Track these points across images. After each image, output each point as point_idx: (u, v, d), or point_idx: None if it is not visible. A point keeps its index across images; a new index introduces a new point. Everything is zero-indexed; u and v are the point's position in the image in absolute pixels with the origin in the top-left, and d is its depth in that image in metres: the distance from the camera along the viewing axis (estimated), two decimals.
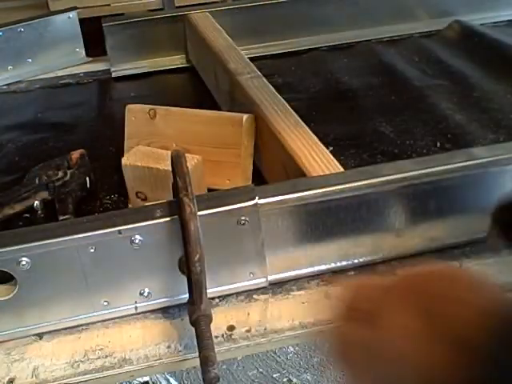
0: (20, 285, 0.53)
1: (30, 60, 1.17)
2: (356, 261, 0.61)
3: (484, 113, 0.94)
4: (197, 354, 0.49)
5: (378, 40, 1.24)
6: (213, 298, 0.59)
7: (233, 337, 0.56)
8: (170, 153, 0.60)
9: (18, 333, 0.56)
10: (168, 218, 0.54)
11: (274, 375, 1.61)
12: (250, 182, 0.77)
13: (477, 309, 0.33)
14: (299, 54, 1.21)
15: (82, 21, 1.21)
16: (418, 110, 0.96)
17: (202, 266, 0.51)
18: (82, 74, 1.19)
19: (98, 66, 1.21)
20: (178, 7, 1.66)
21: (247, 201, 0.55)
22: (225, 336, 0.56)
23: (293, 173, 0.67)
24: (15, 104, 1.10)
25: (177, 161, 0.57)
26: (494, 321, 0.32)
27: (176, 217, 0.53)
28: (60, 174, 0.79)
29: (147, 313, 0.58)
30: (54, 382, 0.53)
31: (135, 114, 0.81)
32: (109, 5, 1.75)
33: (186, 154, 0.62)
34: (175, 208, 0.54)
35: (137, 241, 0.54)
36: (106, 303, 0.57)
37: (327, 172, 0.63)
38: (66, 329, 0.57)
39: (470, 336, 0.32)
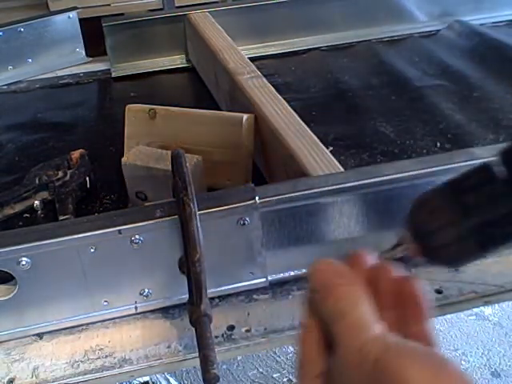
0: (20, 285, 0.53)
1: (30, 60, 1.17)
2: None
3: (484, 113, 0.94)
4: (197, 353, 0.49)
5: (377, 40, 1.24)
6: (213, 298, 0.59)
7: (233, 337, 0.56)
8: (169, 153, 0.60)
9: (18, 333, 0.56)
10: (168, 218, 0.54)
11: (274, 375, 1.61)
12: (250, 182, 0.76)
13: None
14: (299, 54, 1.21)
15: (81, 21, 1.21)
16: (418, 109, 0.96)
17: (202, 266, 0.51)
18: (81, 74, 1.19)
19: (98, 66, 1.21)
20: (177, 7, 1.66)
21: (247, 201, 0.55)
22: (225, 336, 0.56)
23: (293, 173, 0.67)
24: (15, 104, 1.10)
25: (177, 161, 0.57)
26: None
27: (176, 217, 0.53)
28: (60, 174, 0.79)
29: (147, 313, 0.58)
30: (53, 382, 0.53)
31: (135, 114, 0.81)
32: (109, 5, 1.76)
33: (186, 154, 0.62)
34: (175, 208, 0.54)
35: (137, 241, 0.54)
36: (106, 303, 0.57)
37: (327, 172, 0.63)
38: (65, 329, 0.57)
39: None
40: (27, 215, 0.76)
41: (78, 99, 1.11)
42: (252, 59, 0.96)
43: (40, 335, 0.57)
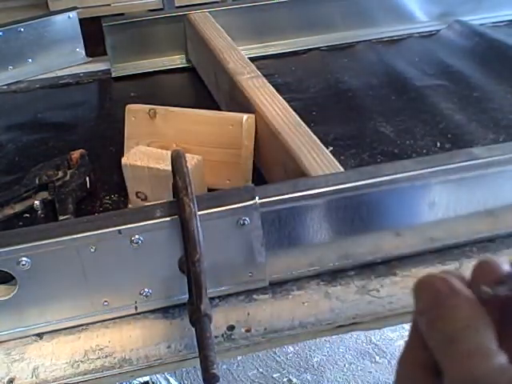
0: (20, 285, 0.53)
1: (30, 60, 1.17)
2: (356, 261, 0.61)
3: (484, 113, 0.94)
4: (197, 353, 0.49)
5: (377, 40, 1.24)
6: (213, 298, 0.59)
7: (233, 337, 0.56)
8: (169, 153, 0.60)
9: (18, 333, 0.56)
10: (168, 218, 0.54)
11: (274, 375, 1.61)
12: (250, 182, 0.77)
13: None
14: (299, 54, 1.21)
15: (81, 21, 1.21)
16: (418, 109, 0.96)
17: (202, 266, 0.51)
18: (81, 74, 1.19)
19: (98, 66, 1.21)
20: (178, 7, 1.66)
21: (247, 201, 0.55)
22: (225, 336, 0.56)
23: (293, 173, 0.67)
24: (15, 104, 1.10)
25: (177, 161, 0.57)
26: None
27: (176, 217, 0.53)
28: (60, 174, 0.79)
29: (147, 313, 0.58)
30: (53, 382, 0.53)
31: (135, 114, 0.81)
32: (109, 5, 1.76)
33: (186, 154, 0.62)
34: (175, 208, 0.54)
35: (137, 241, 0.54)
36: (106, 303, 0.57)
37: (327, 172, 0.63)
38: (66, 329, 0.57)
39: None
40: (27, 215, 0.76)
41: (78, 99, 1.11)
42: (252, 59, 0.96)
43: (40, 335, 0.57)
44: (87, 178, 0.79)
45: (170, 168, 0.59)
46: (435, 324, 0.29)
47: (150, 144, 0.79)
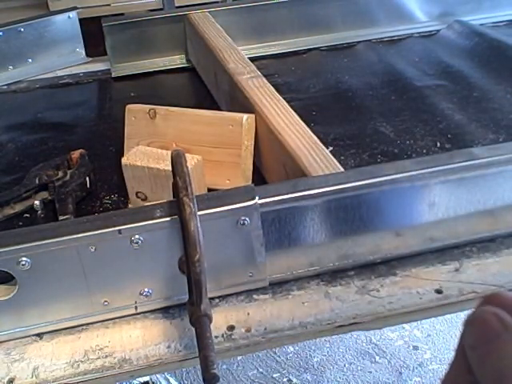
0: (20, 285, 0.53)
1: (30, 60, 1.18)
2: (356, 261, 0.61)
3: (484, 113, 0.94)
4: (197, 353, 0.49)
5: (377, 40, 1.24)
6: (213, 298, 0.59)
7: (233, 337, 0.56)
8: (169, 153, 0.60)
9: (18, 333, 0.56)
10: (168, 218, 0.54)
11: (274, 375, 1.61)
12: (250, 182, 0.77)
13: None
14: (299, 53, 1.21)
15: (81, 21, 1.21)
16: (418, 109, 0.96)
17: (202, 266, 0.51)
18: (81, 74, 1.19)
19: (98, 66, 1.21)
20: (178, 7, 1.67)
21: (247, 201, 0.55)
22: (225, 336, 0.56)
23: (293, 173, 0.67)
24: (15, 104, 1.10)
25: (177, 161, 0.57)
26: None
27: (176, 217, 0.53)
28: (60, 174, 0.79)
29: (147, 313, 0.58)
30: (53, 382, 0.53)
31: (135, 114, 0.82)
32: (109, 5, 1.76)
33: (186, 154, 0.62)
34: (175, 208, 0.54)
35: (137, 241, 0.54)
36: (106, 303, 0.57)
37: (327, 172, 0.63)
38: (66, 329, 0.57)
39: None
40: (27, 215, 0.76)
41: (78, 99, 1.11)
42: (252, 59, 0.96)
43: (40, 335, 0.57)
44: (87, 178, 0.79)
45: (170, 168, 0.59)
46: (485, 360, 0.28)
47: (149, 144, 0.79)
